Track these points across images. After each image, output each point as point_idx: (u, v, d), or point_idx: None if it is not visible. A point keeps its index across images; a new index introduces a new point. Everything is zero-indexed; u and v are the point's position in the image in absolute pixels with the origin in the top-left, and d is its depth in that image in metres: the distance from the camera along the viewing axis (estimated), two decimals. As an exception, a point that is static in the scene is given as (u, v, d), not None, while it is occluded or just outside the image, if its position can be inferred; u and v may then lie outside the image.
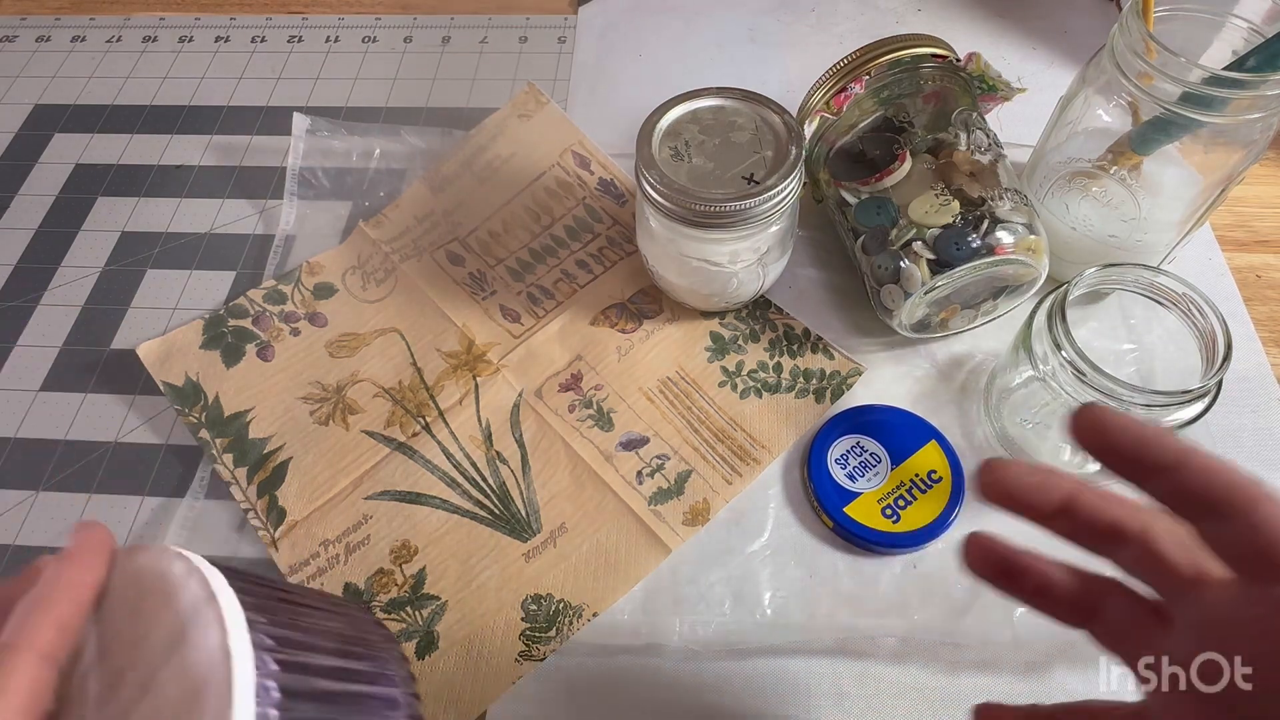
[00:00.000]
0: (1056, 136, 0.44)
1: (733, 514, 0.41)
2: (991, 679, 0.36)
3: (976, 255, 0.39)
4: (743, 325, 0.47)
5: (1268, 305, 0.47)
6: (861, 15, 0.63)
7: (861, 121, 0.44)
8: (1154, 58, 0.36)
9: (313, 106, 0.60)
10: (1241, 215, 0.51)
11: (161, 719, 0.18)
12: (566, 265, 0.50)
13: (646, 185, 0.40)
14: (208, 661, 0.18)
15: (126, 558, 0.21)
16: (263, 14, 0.67)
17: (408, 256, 0.50)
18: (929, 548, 0.39)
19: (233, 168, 0.57)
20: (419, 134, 0.55)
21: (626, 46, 0.62)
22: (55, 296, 0.51)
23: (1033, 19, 0.61)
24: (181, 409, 0.45)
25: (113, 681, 0.19)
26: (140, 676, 0.19)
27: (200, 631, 0.19)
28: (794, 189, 0.40)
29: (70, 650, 0.20)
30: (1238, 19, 0.39)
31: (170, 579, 0.20)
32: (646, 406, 0.44)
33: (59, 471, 0.45)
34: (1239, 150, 0.38)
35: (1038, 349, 0.37)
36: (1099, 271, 0.37)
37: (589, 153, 0.53)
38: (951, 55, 0.44)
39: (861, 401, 0.44)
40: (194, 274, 0.52)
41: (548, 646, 0.38)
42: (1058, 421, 0.39)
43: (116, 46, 0.65)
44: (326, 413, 0.45)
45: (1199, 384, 0.34)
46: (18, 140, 0.59)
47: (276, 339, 0.48)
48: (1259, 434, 0.42)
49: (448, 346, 0.47)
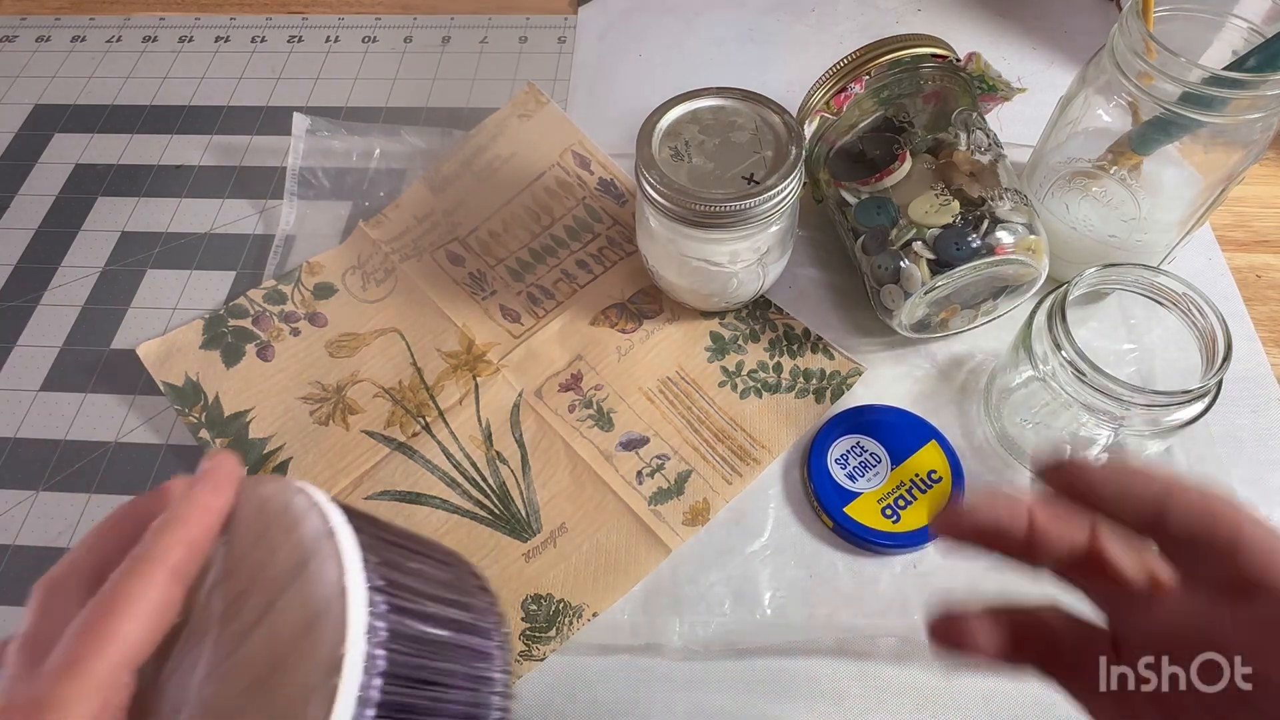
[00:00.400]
0: (1056, 136, 0.44)
1: (733, 514, 0.41)
2: (991, 679, 0.36)
3: (976, 255, 0.39)
4: (743, 325, 0.47)
5: (1268, 305, 0.47)
6: (861, 15, 0.63)
7: (861, 121, 0.44)
8: (1154, 58, 0.36)
9: (313, 106, 0.60)
10: (1241, 215, 0.51)
11: (277, 644, 0.19)
12: (566, 265, 0.50)
13: (646, 185, 0.40)
14: (324, 595, 0.19)
15: (252, 487, 0.22)
16: (263, 14, 0.67)
17: (408, 256, 0.50)
18: (929, 548, 0.39)
19: (233, 168, 0.57)
20: (419, 134, 0.55)
21: (626, 46, 0.62)
22: (55, 296, 0.51)
23: (1033, 19, 0.61)
24: (181, 409, 0.45)
25: (234, 603, 0.20)
26: (260, 601, 0.19)
27: (320, 565, 0.19)
28: (794, 189, 0.40)
29: (197, 569, 0.20)
30: (1238, 19, 0.39)
31: (293, 510, 0.21)
32: (646, 406, 0.44)
33: (59, 471, 0.45)
34: (1239, 150, 0.38)
35: (1038, 349, 0.37)
36: (1099, 271, 0.37)
37: (589, 153, 0.53)
38: (951, 55, 0.44)
39: (861, 401, 0.44)
40: (194, 274, 0.52)
41: (548, 646, 0.38)
42: (1057, 422, 0.39)
43: (116, 46, 0.65)
44: (326, 413, 0.45)
45: (1199, 384, 0.34)
46: (18, 140, 0.59)
47: (276, 339, 0.48)
48: (1259, 434, 0.42)
49: (448, 346, 0.47)
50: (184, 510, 0.20)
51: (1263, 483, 0.41)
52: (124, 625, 0.18)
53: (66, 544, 0.42)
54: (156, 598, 0.19)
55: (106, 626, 0.18)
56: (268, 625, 0.19)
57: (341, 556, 0.19)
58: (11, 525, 0.43)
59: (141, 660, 0.19)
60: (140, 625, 0.18)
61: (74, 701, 0.17)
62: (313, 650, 0.18)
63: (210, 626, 0.20)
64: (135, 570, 0.19)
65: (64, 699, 0.17)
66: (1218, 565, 0.21)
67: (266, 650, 0.19)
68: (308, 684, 0.18)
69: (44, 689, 0.17)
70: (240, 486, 0.22)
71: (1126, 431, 0.36)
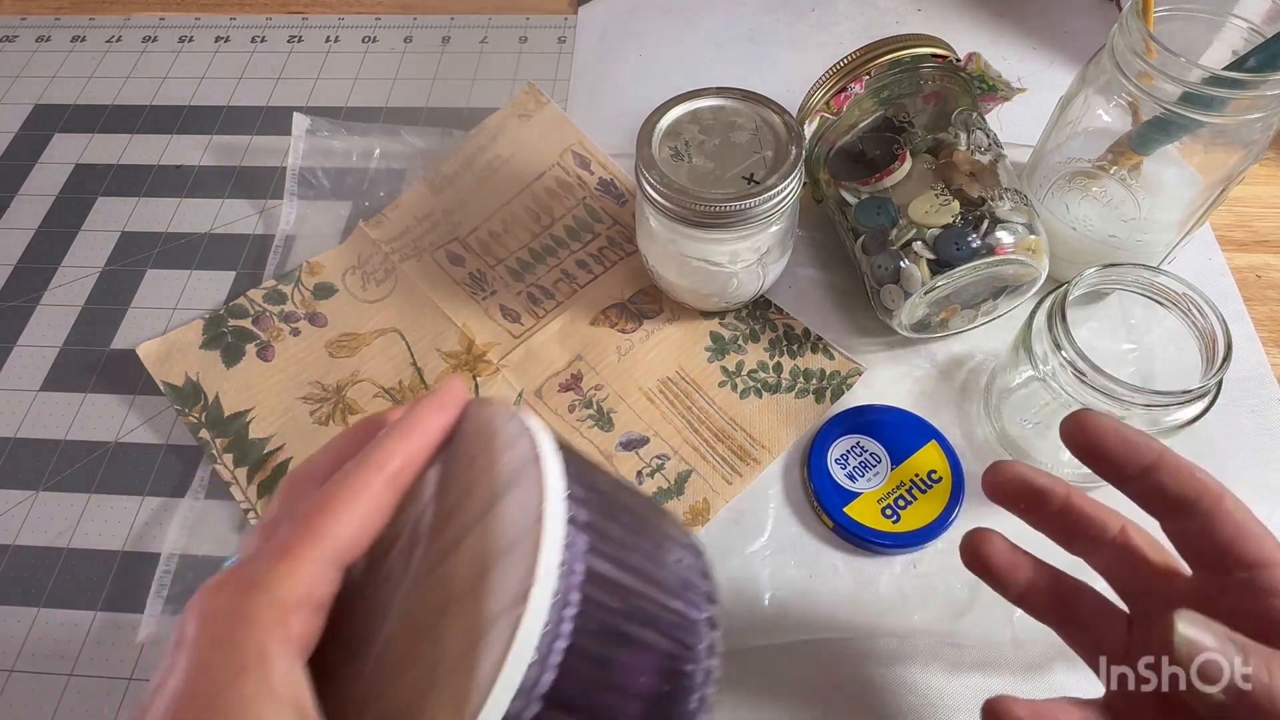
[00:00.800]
0: (1056, 136, 0.44)
1: (733, 514, 0.41)
2: (991, 679, 0.36)
3: (976, 255, 0.39)
4: (743, 325, 0.47)
5: (1268, 305, 0.47)
6: (861, 15, 0.63)
7: (861, 121, 0.44)
8: (1154, 58, 0.36)
9: (313, 106, 0.60)
10: (1241, 215, 0.51)
11: (474, 566, 0.18)
12: (566, 265, 0.50)
13: (646, 185, 0.40)
14: (522, 523, 0.18)
15: (476, 409, 0.22)
16: (263, 14, 0.67)
17: (408, 256, 0.50)
18: (929, 548, 0.39)
19: (233, 168, 0.57)
20: (419, 134, 0.55)
21: (626, 46, 0.62)
22: (55, 296, 0.51)
23: (1033, 19, 0.61)
24: (181, 409, 0.45)
25: (442, 520, 0.20)
26: (462, 523, 0.19)
27: (519, 492, 0.19)
28: (794, 189, 0.40)
29: (411, 481, 0.21)
30: (1238, 19, 0.39)
31: (505, 435, 0.20)
32: (646, 406, 0.44)
33: (59, 471, 0.45)
34: (1239, 150, 0.38)
35: (1038, 349, 0.37)
36: (1099, 271, 0.37)
37: (589, 153, 0.53)
38: (951, 55, 0.44)
39: (861, 401, 0.44)
40: (194, 274, 0.52)
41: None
42: (1058, 422, 0.39)
43: (116, 46, 0.65)
44: (326, 413, 0.45)
45: (1199, 384, 0.34)
46: (18, 140, 0.59)
47: (276, 339, 0.48)
48: (1259, 434, 0.42)
49: (448, 346, 0.47)
50: (406, 424, 0.21)
51: (1263, 483, 0.41)
52: (334, 522, 0.19)
53: (66, 544, 0.42)
54: (368, 501, 0.20)
55: (318, 520, 0.19)
56: (467, 547, 0.19)
57: (544, 488, 0.19)
58: (11, 525, 0.43)
59: (348, 559, 0.19)
60: (349, 524, 0.19)
61: (278, 582, 0.18)
62: (504, 577, 0.18)
63: (419, 541, 0.20)
64: (353, 473, 0.20)
65: (272, 578, 0.18)
66: (1200, 533, 0.24)
67: (465, 571, 0.19)
68: (494, 611, 0.17)
69: (257, 567, 0.18)
70: (465, 408, 0.22)
71: (1126, 431, 0.36)
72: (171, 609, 0.40)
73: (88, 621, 0.40)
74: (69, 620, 0.40)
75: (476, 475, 0.20)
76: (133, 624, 0.40)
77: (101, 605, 0.41)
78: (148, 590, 0.40)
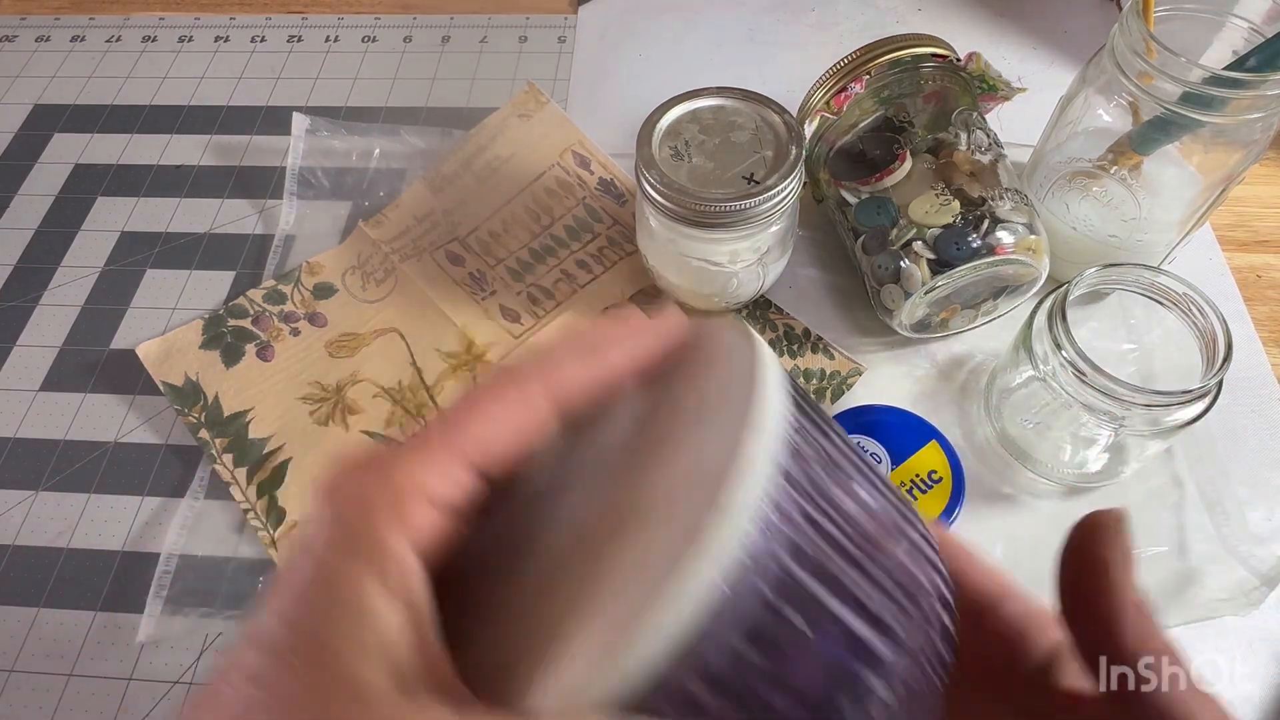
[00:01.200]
0: (1056, 136, 0.44)
1: (733, 514, 0.41)
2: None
3: (976, 255, 0.39)
4: (743, 325, 0.47)
5: (1268, 305, 0.47)
6: (861, 15, 0.63)
7: (861, 121, 0.44)
8: (1154, 58, 0.36)
9: (313, 106, 0.60)
10: (1241, 215, 0.51)
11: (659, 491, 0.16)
12: (566, 265, 0.50)
13: (646, 185, 0.40)
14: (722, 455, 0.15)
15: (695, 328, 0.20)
16: (262, 14, 0.66)
17: (408, 256, 0.50)
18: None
19: (232, 168, 0.57)
20: (419, 134, 0.55)
21: (626, 46, 0.62)
22: (55, 296, 0.51)
23: (1033, 19, 0.61)
24: (181, 409, 0.45)
25: (635, 437, 0.19)
26: (658, 436, 0.18)
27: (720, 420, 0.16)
28: (794, 189, 0.40)
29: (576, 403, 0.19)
30: (1238, 19, 0.39)
31: (722, 351, 0.19)
32: (646, 406, 0.44)
33: (59, 471, 0.45)
34: (1239, 150, 0.38)
35: (1038, 349, 0.37)
36: (1099, 271, 0.37)
37: (589, 153, 0.53)
38: (951, 55, 0.44)
39: (861, 401, 0.44)
40: (194, 274, 0.52)
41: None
42: (1058, 422, 0.39)
43: (116, 46, 0.65)
44: (326, 413, 0.45)
45: (1199, 384, 0.34)
46: (18, 140, 0.59)
47: (276, 339, 0.48)
48: (1259, 434, 0.42)
49: (447, 347, 0.47)
50: (583, 347, 0.20)
51: (1263, 483, 0.41)
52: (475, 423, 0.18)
53: (66, 544, 0.42)
54: (519, 411, 0.19)
55: (459, 418, 0.18)
56: (660, 471, 0.17)
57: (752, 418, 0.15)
58: (11, 525, 0.43)
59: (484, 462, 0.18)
60: (492, 429, 0.18)
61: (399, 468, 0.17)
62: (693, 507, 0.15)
63: (603, 463, 0.19)
64: (508, 379, 0.19)
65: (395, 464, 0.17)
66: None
67: (648, 494, 0.17)
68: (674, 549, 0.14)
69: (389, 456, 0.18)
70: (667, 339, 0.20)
71: (1126, 431, 0.36)
72: (171, 609, 0.40)
73: (87, 621, 0.40)
74: (69, 620, 0.40)
75: (680, 394, 0.18)
76: (132, 624, 0.40)
77: (101, 605, 0.41)
78: (147, 590, 0.40)
